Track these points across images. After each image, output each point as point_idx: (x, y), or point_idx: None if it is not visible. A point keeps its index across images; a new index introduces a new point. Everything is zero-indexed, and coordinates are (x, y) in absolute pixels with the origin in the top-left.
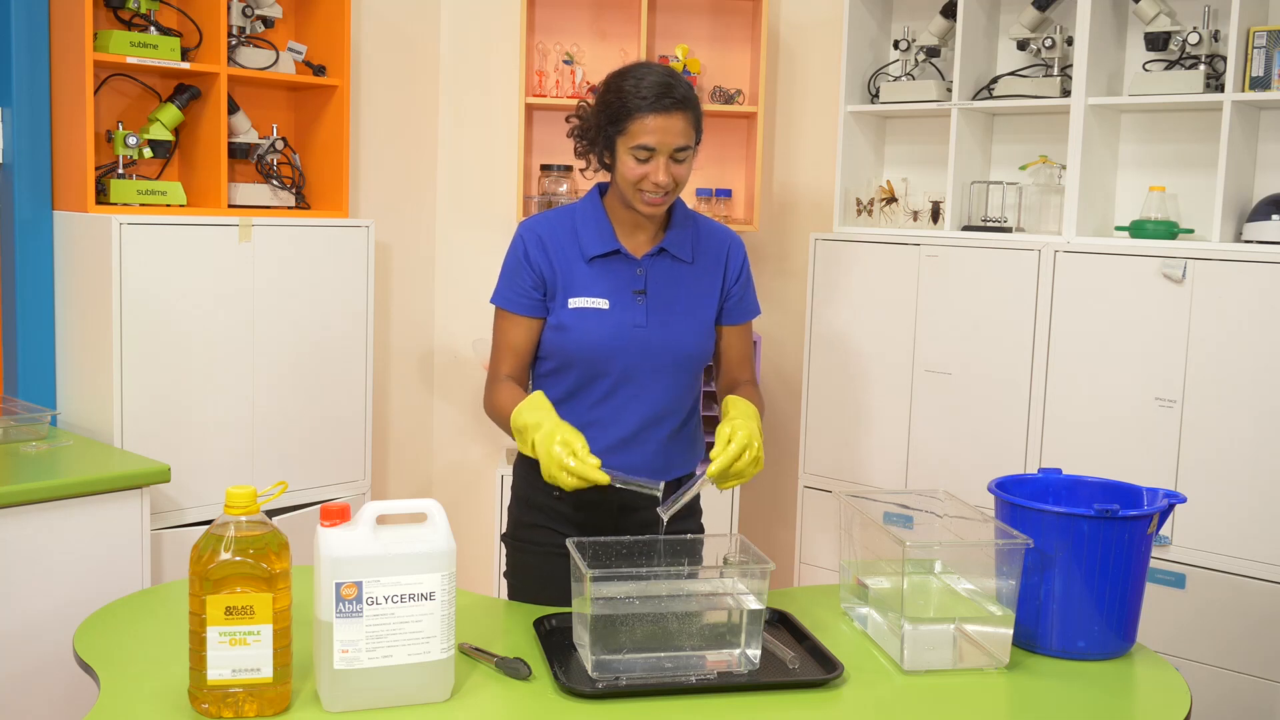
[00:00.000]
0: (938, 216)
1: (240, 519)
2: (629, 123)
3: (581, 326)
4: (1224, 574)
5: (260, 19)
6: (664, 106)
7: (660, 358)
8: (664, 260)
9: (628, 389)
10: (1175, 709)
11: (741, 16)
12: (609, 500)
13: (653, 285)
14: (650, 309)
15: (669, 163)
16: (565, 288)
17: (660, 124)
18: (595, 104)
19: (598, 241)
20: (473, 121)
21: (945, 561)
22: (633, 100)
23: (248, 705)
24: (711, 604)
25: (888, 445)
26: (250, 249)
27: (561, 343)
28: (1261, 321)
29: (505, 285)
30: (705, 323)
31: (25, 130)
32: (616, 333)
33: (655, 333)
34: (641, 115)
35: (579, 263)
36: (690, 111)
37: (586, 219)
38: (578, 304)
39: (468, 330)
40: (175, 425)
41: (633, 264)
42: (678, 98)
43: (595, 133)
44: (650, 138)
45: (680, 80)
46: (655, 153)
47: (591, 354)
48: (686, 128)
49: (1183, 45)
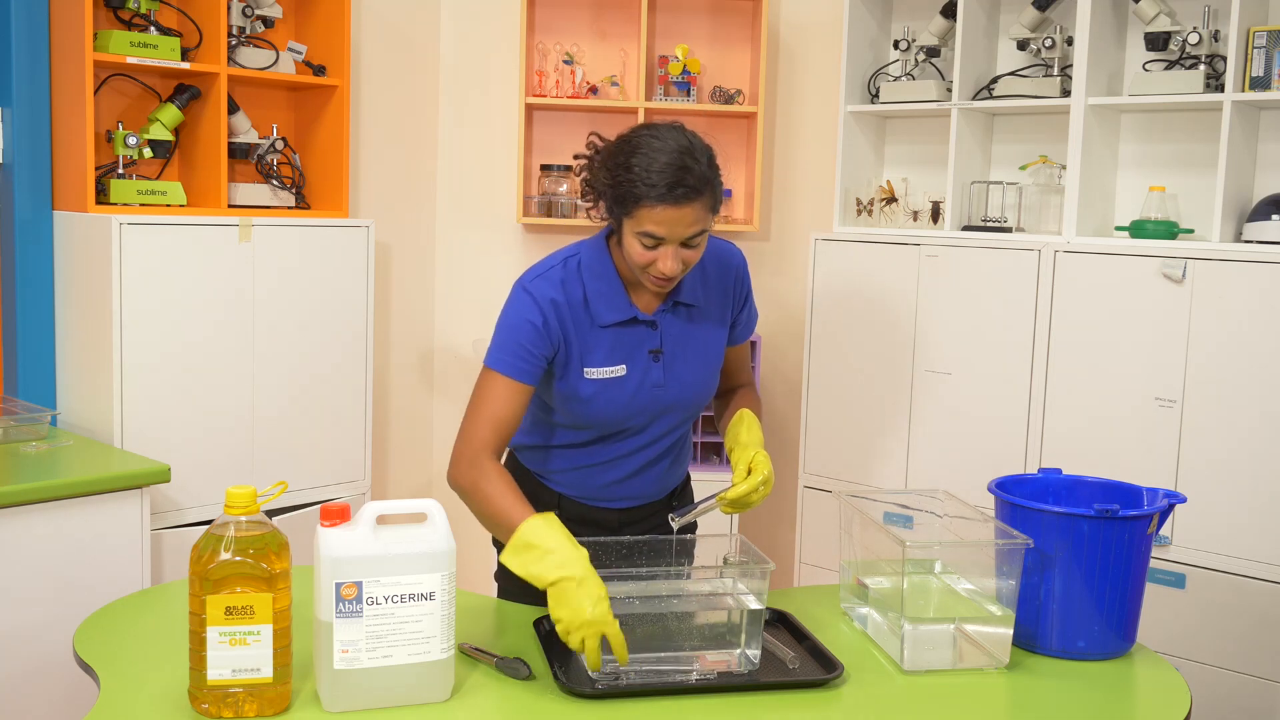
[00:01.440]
0: (938, 216)
1: (240, 519)
2: (635, 208)
3: (603, 397)
4: (1224, 574)
5: (260, 19)
6: (675, 198)
7: (677, 408)
8: (677, 313)
9: (640, 438)
10: (1175, 709)
11: (741, 16)
12: (608, 520)
13: (668, 341)
14: (667, 365)
15: (678, 249)
16: (580, 357)
17: (670, 215)
18: (603, 168)
19: (611, 310)
20: (473, 121)
21: (945, 561)
22: (641, 185)
23: (248, 705)
24: (711, 604)
25: (888, 445)
26: (250, 249)
27: (580, 412)
28: (1261, 321)
29: (512, 353)
30: (718, 357)
31: (25, 130)
32: (636, 397)
33: (674, 390)
34: (649, 204)
35: (592, 329)
36: (707, 196)
37: (595, 278)
38: (596, 375)
39: (468, 330)
40: (175, 425)
41: (646, 325)
42: (691, 186)
43: (602, 194)
44: (659, 228)
45: (698, 161)
46: (664, 241)
47: (611, 421)
48: (701, 215)
49: (1183, 45)
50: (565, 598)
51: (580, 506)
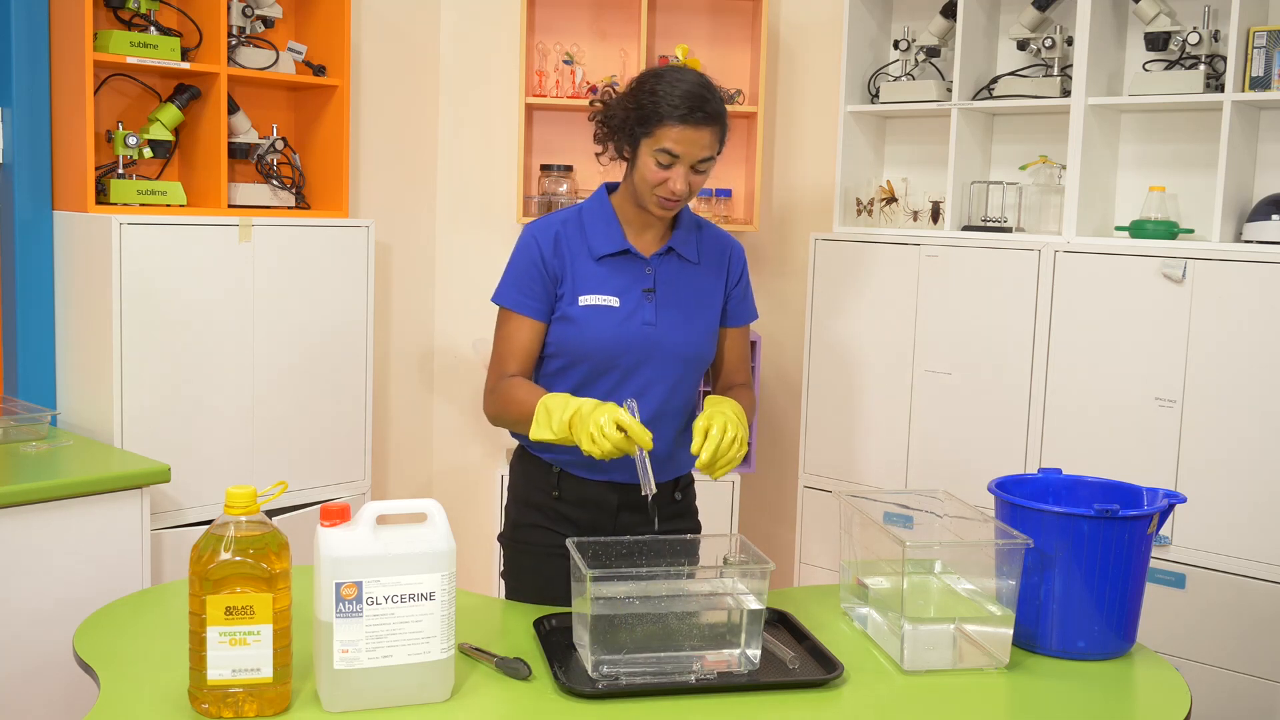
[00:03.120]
0: (938, 216)
1: (240, 519)
2: (657, 127)
3: (593, 323)
4: (1224, 574)
5: (260, 19)
6: (696, 119)
7: (667, 355)
8: (671, 260)
9: (633, 385)
10: (1175, 709)
11: (741, 16)
12: (607, 500)
13: (661, 284)
14: (659, 307)
15: (689, 172)
16: (575, 285)
17: (688, 135)
18: (625, 97)
19: (607, 241)
20: (473, 121)
21: (945, 561)
22: (665, 105)
23: (248, 705)
24: (711, 604)
25: (888, 445)
26: (250, 249)
27: (572, 338)
28: (1261, 321)
29: (514, 288)
30: (710, 323)
31: (25, 130)
32: (627, 329)
33: (664, 330)
34: (671, 123)
35: (589, 261)
36: (719, 126)
37: (594, 218)
38: (589, 301)
39: (468, 330)
40: (175, 425)
41: (641, 263)
42: (709, 112)
43: (619, 125)
44: (676, 146)
45: (714, 94)
46: (678, 160)
47: (602, 350)
48: (713, 141)
49: (1183, 45)
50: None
51: (578, 483)
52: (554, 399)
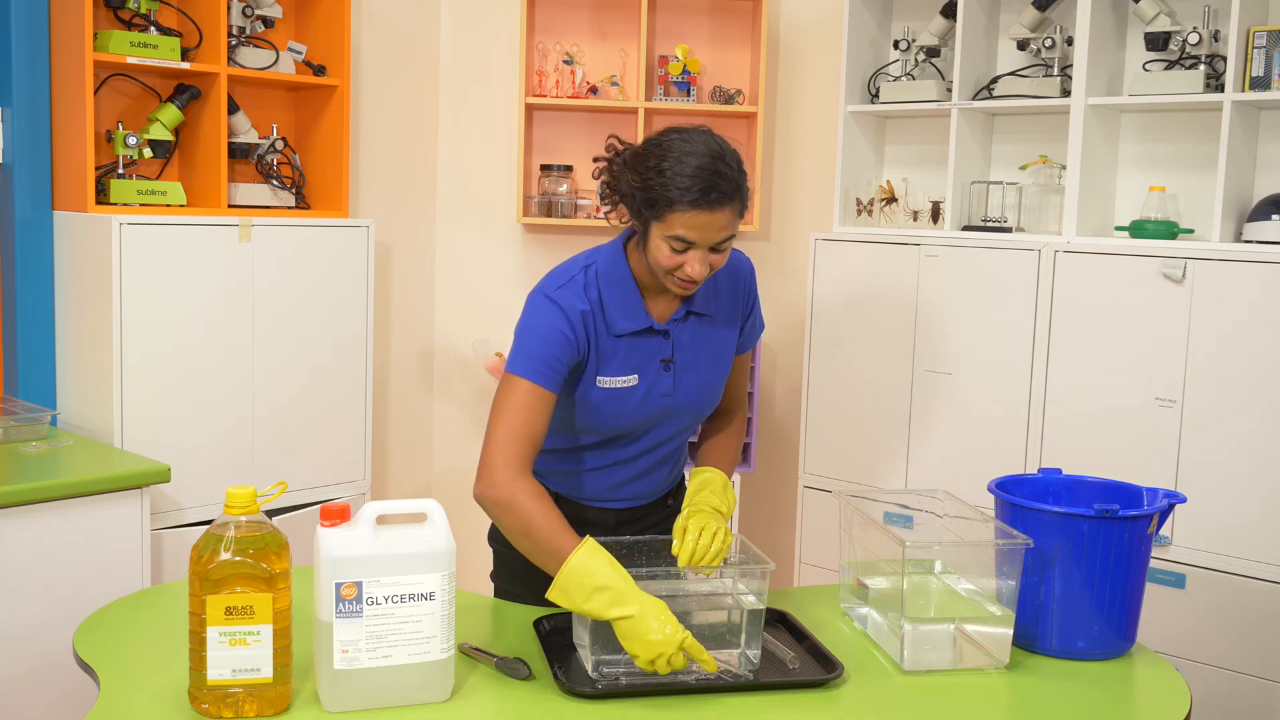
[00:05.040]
0: (938, 216)
1: (240, 519)
2: (667, 212)
3: (612, 405)
4: (1224, 574)
5: (260, 19)
6: (709, 203)
7: (683, 414)
8: (689, 322)
9: (645, 443)
10: (1175, 709)
11: (741, 16)
12: (604, 520)
13: (679, 351)
14: (677, 374)
15: (706, 254)
16: (597, 366)
17: (702, 219)
18: (631, 172)
19: (628, 317)
20: (473, 121)
21: (945, 561)
22: (674, 189)
23: (248, 705)
24: (711, 604)
25: (888, 445)
26: (250, 249)
27: (587, 418)
28: (1261, 321)
29: (543, 362)
30: (726, 367)
31: (25, 130)
32: (645, 405)
33: (681, 397)
34: (682, 208)
35: (608, 338)
36: (737, 202)
37: (613, 291)
38: (608, 384)
39: (468, 330)
40: (175, 425)
41: (659, 335)
42: (723, 191)
43: (626, 198)
44: (690, 233)
45: (729, 164)
46: (694, 245)
47: (618, 427)
48: (730, 220)
49: (1183, 45)
50: (633, 632)
51: (576, 506)
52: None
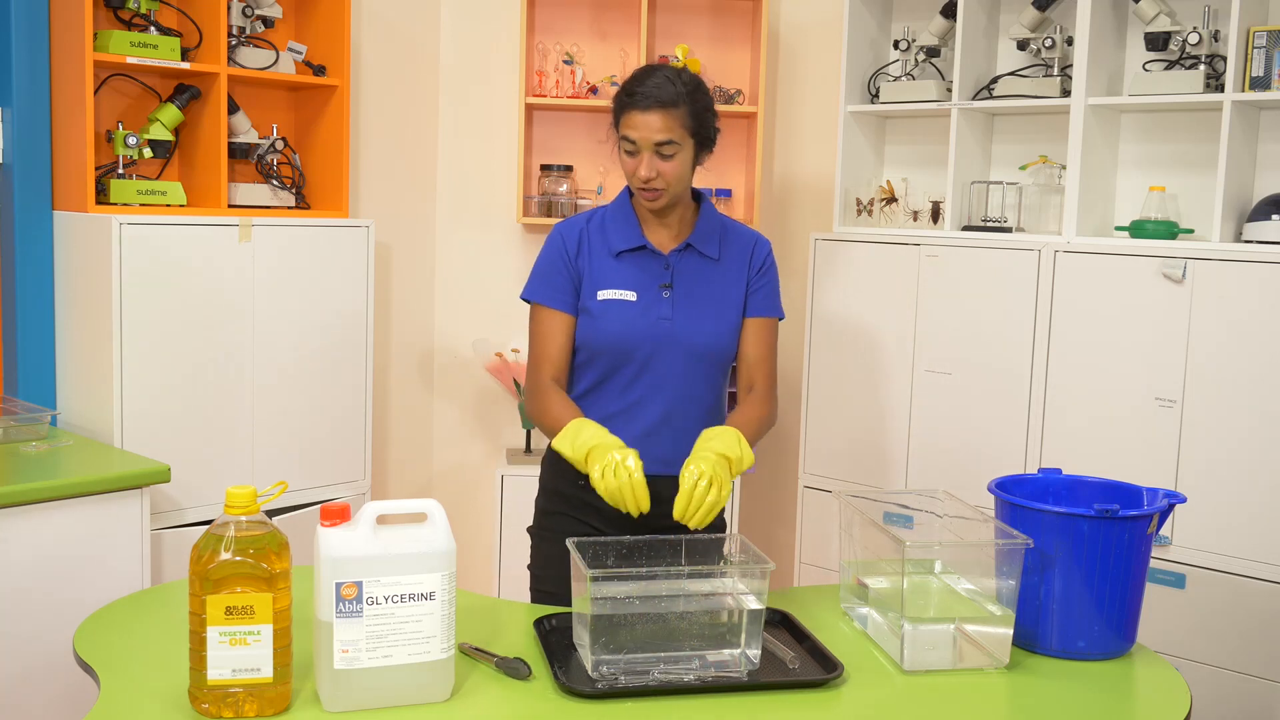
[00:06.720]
0: (938, 216)
1: (240, 519)
2: (620, 116)
3: (609, 316)
4: (1224, 574)
5: (260, 19)
6: (642, 104)
7: (684, 349)
8: (691, 256)
9: (651, 378)
10: (1175, 709)
11: (741, 16)
12: None
13: (679, 280)
14: (676, 302)
15: (653, 157)
16: (595, 281)
17: (637, 119)
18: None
19: (624, 237)
20: (473, 121)
21: (945, 561)
22: (622, 96)
23: (248, 705)
24: (711, 604)
25: (888, 445)
26: (250, 249)
27: (591, 332)
28: (1261, 321)
29: (542, 283)
30: (731, 321)
31: (25, 130)
32: (643, 323)
33: (680, 325)
34: (626, 111)
35: (608, 258)
36: (672, 108)
37: (615, 217)
38: (606, 295)
39: (468, 330)
40: (175, 425)
41: (660, 259)
42: (655, 96)
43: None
44: (632, 132)
45: (666, 78)
46: (638, 146)
47: (618, 343)
48: (667, 124)
49: (1183, 45)
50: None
51: None
52: (585, 426)
